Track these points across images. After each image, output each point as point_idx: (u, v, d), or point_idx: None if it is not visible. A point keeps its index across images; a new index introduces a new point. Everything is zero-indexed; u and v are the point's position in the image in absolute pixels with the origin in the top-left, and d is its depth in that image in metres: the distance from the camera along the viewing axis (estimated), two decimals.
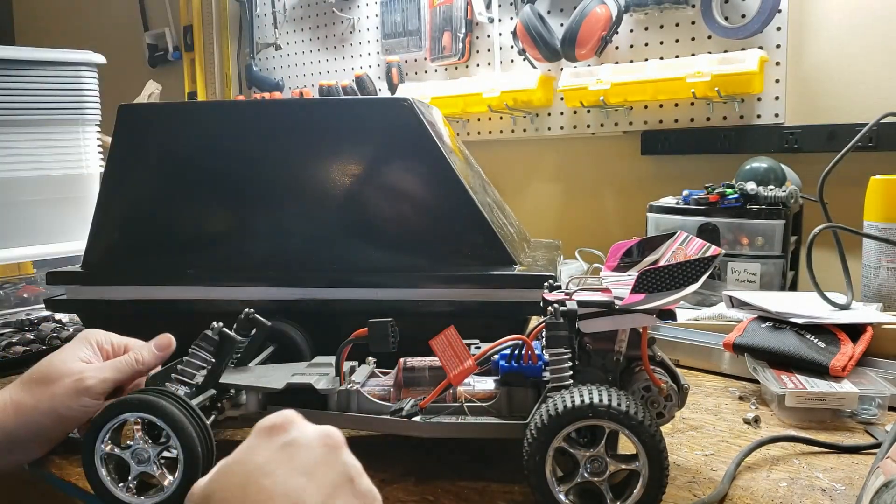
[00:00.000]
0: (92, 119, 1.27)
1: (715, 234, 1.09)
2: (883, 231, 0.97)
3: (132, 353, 0.64)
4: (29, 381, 0.61)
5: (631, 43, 1.46)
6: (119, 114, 0.85)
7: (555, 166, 1.67)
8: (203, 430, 0.54)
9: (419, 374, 0.62)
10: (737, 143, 1.35)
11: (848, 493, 0.56)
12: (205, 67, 2.31)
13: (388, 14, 1.80)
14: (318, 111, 0.83)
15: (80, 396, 0.60)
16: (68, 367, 0.61)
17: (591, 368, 0.58)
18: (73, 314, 1.04)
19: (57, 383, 0.60)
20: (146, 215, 0.84)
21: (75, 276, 0.83)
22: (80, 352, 0.63)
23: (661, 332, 0.91)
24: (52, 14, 3.05)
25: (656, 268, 0.53)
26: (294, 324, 0.75)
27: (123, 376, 0.63)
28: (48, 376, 0.60)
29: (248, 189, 0.81)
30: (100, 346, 0.64)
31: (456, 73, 1.74)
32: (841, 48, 1.26)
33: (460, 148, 0.96)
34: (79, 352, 0.63)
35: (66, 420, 0.60)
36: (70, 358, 0.62)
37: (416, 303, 0.76)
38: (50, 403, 0.59)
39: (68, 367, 0.61)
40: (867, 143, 1.17)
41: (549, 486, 0.52)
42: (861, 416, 0.71)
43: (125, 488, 0.55)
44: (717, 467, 0.61)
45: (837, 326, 0.82)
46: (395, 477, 0.60)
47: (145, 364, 0.64)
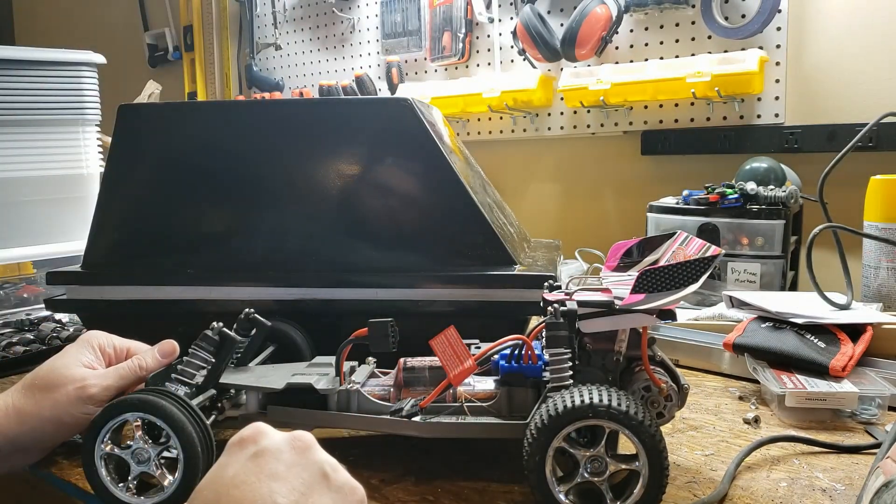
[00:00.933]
0: (92, 119, 1.27)
1: (715, 234, 1.09)
2: (883, 231, 0.97)
3: (136, 360, 0.63)
4: (31, 387, 0.60)
5: (631, 43, 1.46)
6: (119, 114, 0.85)
7: (555, 166, 1.67)
8: (203, 430, 0.54)
9: (419, 374, 0.62)
10: (737, 143, 1.35)
11: (848, 493, 0.56)
12: (205, 67, 2.30)
13: (388, 14, 1.80)
14: (318, 111, 0.83)
15: (82, 404, 0.59)
16: (71, 374, 0.60)
17: (591, 368, 0.59)
18: (73, 314, 1.04)
19: (59, 390, 0.59)
20: (146, 215, 0.84)
21: (75, 276, 0.83)
22: (83, 356, 0.62)
23: (661, 332, 0.91)
24: (52, 14, 3.05)
25: (656, 268, 0.53)
26: (294, 324, 0.75)
27: (126, 383, 0.62)
28: (51, 382, 0.60)
29: (248, 189, 0.81)
30: (102, 349, 0.64)
31: (456, 73, 1.74)
32: (841, 48, 1.26)
33: (460, 148, 0.96)
34: (81, 356, 0.62)
35: (68, 427, 0.60)
36: (72, 363, 0.61)
37: (416, 303, 0.76)
38: (52, 411, 0.59)
39: (71, 374, 0.60)
40: (867, 143, 1.17)
41: (549, 486, 0.52)
42: (861, 416, 0.71)
43: (125, 488, 0.55)
44: (717, 467, 0.61)
45: (837, 326, 0.82)
46: (395, 477, 0.60)
47: (148, 371, 0.63)
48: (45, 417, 0.59)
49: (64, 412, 0.59)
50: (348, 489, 0.44)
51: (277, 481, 0.42)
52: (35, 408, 0.59)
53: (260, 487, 0.41)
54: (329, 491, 0.43)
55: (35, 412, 0.59)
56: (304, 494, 0.42)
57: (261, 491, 0.41)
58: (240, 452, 0.44)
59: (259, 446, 0.44)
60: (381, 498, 0.57)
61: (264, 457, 0.43)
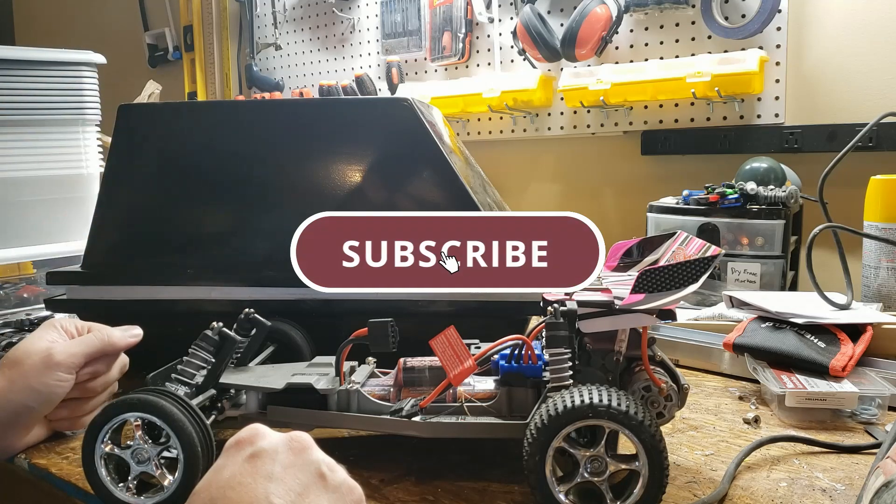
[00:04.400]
0: (92, 119, 1.26)
1: (715, 234, 1.09)
2: (883, 231, 0.97)
3: (101, 330, 0.67)
4: (1, 367, 0.63)
5: (631, 43, 1.46)
6: (119, 114, 0.85)
7: (555, 166, 1.67)
8: (203, 430, 0.54)
9: (419, 374, 0.62)
10: (737, 143, 1.35)
11: (848, 493, 0.56)
12: (205, 67, 2.31)
13: (388, 14, 1.80)
14: (318, 111, 0.83)
15: (51, 370, 0.63)
16: (36, 347, 0.64)
17: (591, 368, 0.59)
18: (73, 314, 1.04)
19: (27, 361, 0.63)
20: (146, 215, 0.84)
21: (75, 276, 0.83)
22: (47, 334, 0.66)
23: (661, 332, 0.91)
24: (52, 14, 3.05)
25: (656, 268, 0.53)
26: (294, 324, 0.75)
27: (91, 350, 0.65)
28: (18, 359, 0.63)
29: (248, 189, 0.81)
30: (65, 329, 0.67)
31: (456, 73, 1.74)
32: (841, 48, 1.26)
33: (460, 148, 0.96)
34: (45, 335, 0.66)
35: (42, 396, 0.63)
36: (36, 340, 0.65)
37: (416, 303, 0.76)
38: (24, 381, 0.62)
39: (36, 347, 0.64)
40: (867, 143, 1.17)
41: (549, 486, 0.52)
42: (861, 416, 0.71)
43: (125, 488, 0.55)
44: (717, 467, 0.61)
45: (837, 326, 0.82)
46: (395, 477, 0.60)
47: (112, 340, 0.67)
48: (17, 389, 0.62)
49: (35, 380, 0.62)
50: (345, 489, 0.44)
51: (273, 482, 0.42)
52: (6, 382, 0.62)
53: (256, 489, 0.41)
54: (326, 491, 0.43)
55: (6, 386, 0.62)
56: (301, 495, 0.42)
57: (256, 492, 0.41)
58: (236, 454, 0.44)
59: (255, 447, 0.44)
60: (381, 498, 0.57)
61: (260, 458, 0.43)
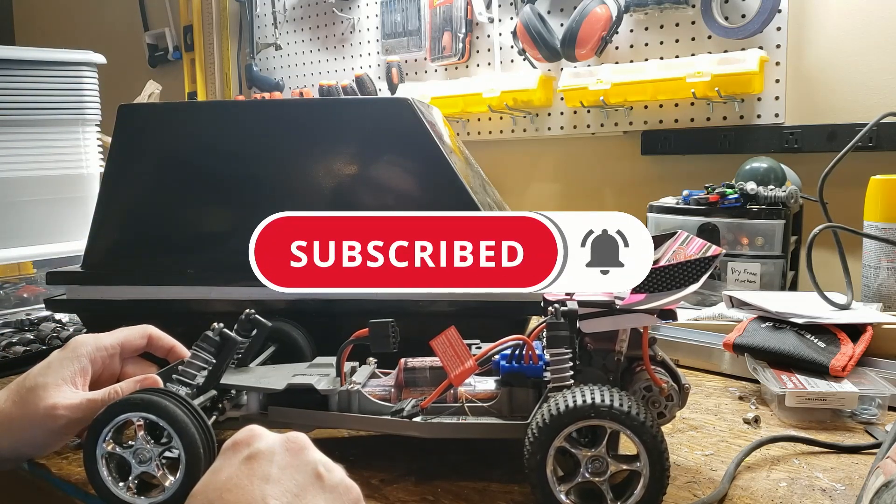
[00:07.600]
0: (92, 119, 1.27)
1: (715, 234, 1.09)
2: (883, 231, 0.97)
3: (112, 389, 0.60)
4: (18, 391, 0.59)
5: (631, 43, 1.47)
6: (119, 114, 0.85)
7: (555, 166, 1.67)
8: (205, 430, 0.54)
9: (420, 375, 0.62)
10: (737, 143, 1.35)
11: (848, 493, 0.56)
12: (205, 67, 2.31)
13: (388, 14, 1.80)
14: (318, 111, 0.83)
15: (52, 433, 0.58)
16: (45, 397, 0.58)
17: (592, 368, 0.59)
18: (73, 314, 1.04)
19: (35, 408, 0.58)
20: (146, 215, 0.84)
21: (75, 276, 0.83)
22: (66, 369, 0.60)
23: (662, 332, 0.91)
24: (52, 14, 3.05)
25: (657, 268, 0.53)
26: (295, 324, 0.75)
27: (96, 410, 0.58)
28: (28, 401, 0.58)
29: (248, 189, 0.81)
30: (92, 359, 0.62)
31: (456, 73, 1.74)
32: (841, 48, 1.26)
33: (460, 148, 0.96)
34: (64, 370, 0.60)
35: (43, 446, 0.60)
36: (52, 382, 0.59)
37: (416, 303, 0.76)
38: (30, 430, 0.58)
39: (45, 397, 0.58)
40: (867, 143, 1.17)
41: (550, 486, 0.52)
42: (861, 416, 0.71)
43: (126, 488, 0.55)
44: (717, 467, 0.61)
45: (837, 326, 0.82)
46: (395, 477, 0.60)
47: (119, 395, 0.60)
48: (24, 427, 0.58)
49: (39, 433, 0.58)
50: (343, 489, 0.44)
51: (270, 483, 0.42)
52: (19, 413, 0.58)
53: (252, 490, 0.41)
54: (323, 491, 0.43)
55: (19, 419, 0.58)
56: (298, 496, 0.42)
57: (253, 494, 0.41)
58: (233, 456, 0.44)
59: (252, 449, 0.44)
60: (382, 498, 0.57)
61: (257, 459, 0.43)
